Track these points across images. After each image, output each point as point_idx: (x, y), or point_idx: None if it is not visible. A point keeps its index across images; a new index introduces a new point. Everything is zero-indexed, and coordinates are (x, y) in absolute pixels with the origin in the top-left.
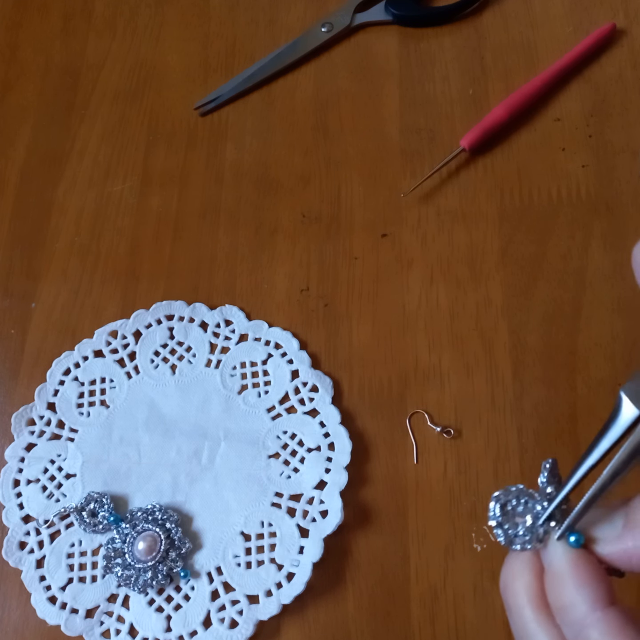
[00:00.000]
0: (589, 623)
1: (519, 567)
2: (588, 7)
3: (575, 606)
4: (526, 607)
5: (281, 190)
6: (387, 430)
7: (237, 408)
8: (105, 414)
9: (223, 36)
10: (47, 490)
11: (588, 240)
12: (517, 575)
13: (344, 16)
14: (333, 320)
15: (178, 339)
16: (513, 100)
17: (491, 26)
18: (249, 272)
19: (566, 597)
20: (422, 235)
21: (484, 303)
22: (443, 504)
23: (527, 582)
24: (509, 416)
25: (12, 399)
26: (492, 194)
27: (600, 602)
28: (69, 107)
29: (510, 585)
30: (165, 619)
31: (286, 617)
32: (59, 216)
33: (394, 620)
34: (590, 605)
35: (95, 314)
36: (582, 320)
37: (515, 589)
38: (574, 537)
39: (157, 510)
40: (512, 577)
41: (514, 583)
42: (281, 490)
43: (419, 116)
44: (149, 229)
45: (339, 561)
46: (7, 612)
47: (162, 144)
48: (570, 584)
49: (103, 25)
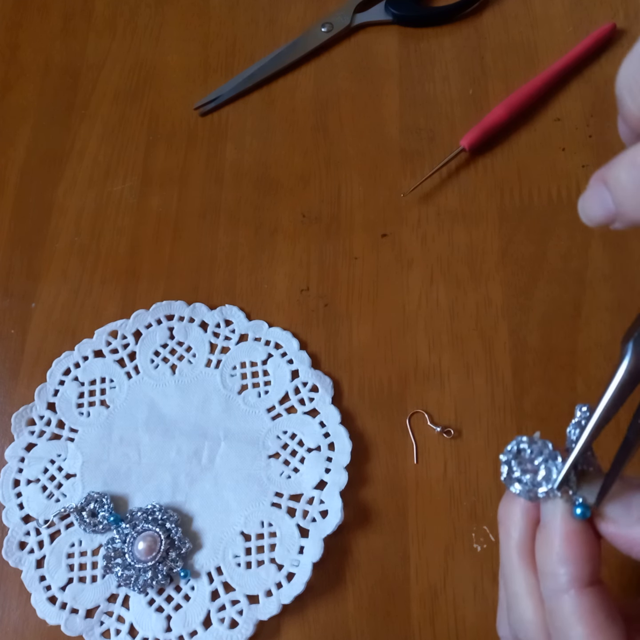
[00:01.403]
0: (564, 596)
1: (516, 510)
2: (588, 7)
3: (557, 577)
4: (513, 550)
5: (281, 190)
6: (387, 430)
7: (237, 408)
8: (105, 414)
9: (223, 36)
10: (47, 490)
11: (588, 240)
12: (512, 517)
13: (344, 16)
14: (333, 320)
15: (178, 339)
16: (513, 100)
17: (491, 26)
18: (249, 272)
19: (550, 565)
20: (422, 235)
21: (484, 303)
22: (443, 504)
23: (519, 528)
24: (509, 416)
25: (12, 399)
26: (492, 194)
27: (580, 581)
28: (69, 107)
29: (504, 523)
30: (165, 619)
31: (286, 617)
32: (59, 216)
33: (394, 620)
34: (570, 580)
35: (95, 314)
36: (582, 320)
37: (507, 528)
38: (580, 509)
39: (157, 510)
40: (508, 515)
41: (508, 522)
42: (281, 490)
43: (419, 116)
44: (149, 229)
45: (339, 561)
46: (7, 612)
47: (162, 144)
48: (558, 555)
49: (103, 25)
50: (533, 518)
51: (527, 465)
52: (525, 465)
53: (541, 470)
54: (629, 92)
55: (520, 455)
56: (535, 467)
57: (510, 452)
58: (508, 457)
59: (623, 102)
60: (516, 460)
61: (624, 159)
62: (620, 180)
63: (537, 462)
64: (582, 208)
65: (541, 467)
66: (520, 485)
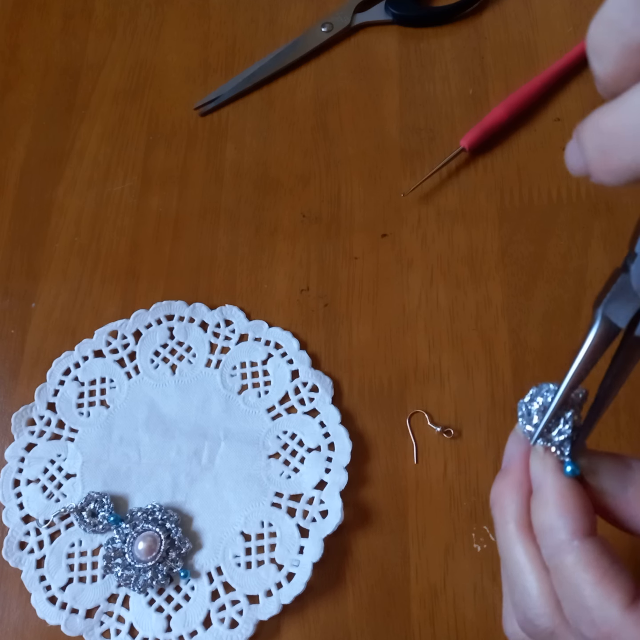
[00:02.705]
0: (566, 549)
1: (509, 486)
2: (588, 7)
3: (555, 531)
4: (510, 523)
5: (281, 190)
6: (387, 430)
7: (237, 408)
8: (105, 414)
9: (223, 36)
10: (47, 490)
11: (588, 240)
12: (505, 492)
13: (344, 16)
14: (333, 320)
15: (178, 339)
16: (513, 100)
17: (491, 26)
18: (249, 272)
19: (549, 521)
20: (422, 235)
21: (484, 303)
22: (443, 504)
23: (515, 500)
24: (509, 416)
25: (12, 399)
26: (492, 194)
27: (580, 531)
28: (69, 107)
29: (498, 501)
30: (165, 619)
31: (286, 617)
32: (59, 216)
33: (394, 620)
34: (570, 532)
35: (95, 314)
36: (582, 320)
37: (502, 504)
38: (570, 467)
39: (157, 510)
40: (501, 493)
41: (502, 499)
42: (281, 490)
43: (419, 116)
44: (149, 229)
45: (339, 561)
46: (7, 612)
47: (162, 144)
48: (555, 510)
49: (103, 25)
50: (526, 490)
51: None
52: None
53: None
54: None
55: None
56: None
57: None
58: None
59: (592, 65)
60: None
61: (590, 121)
62: (585, 143)
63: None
64: (565, 156)
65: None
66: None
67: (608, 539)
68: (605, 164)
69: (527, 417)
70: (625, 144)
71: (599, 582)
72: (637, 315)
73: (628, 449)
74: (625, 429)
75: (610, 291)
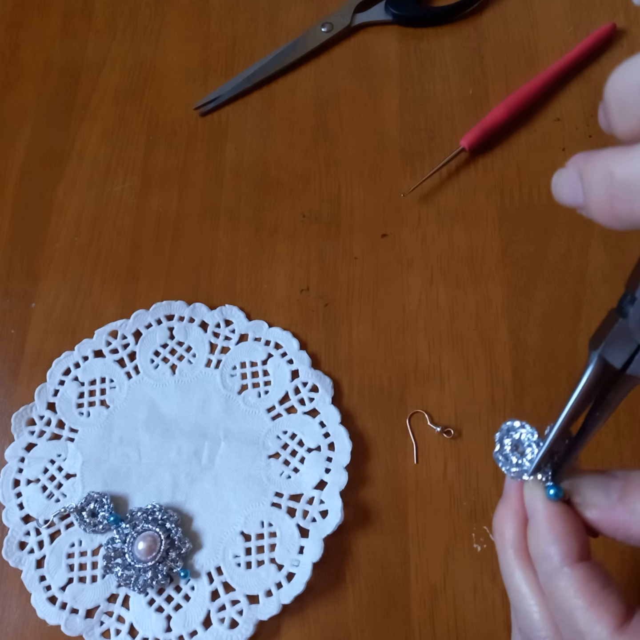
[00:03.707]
0: (558, 575)
1: (507, 513)
2: (588, 7)
3: (548, 558)
4: (509, 550)
5: (281, 190)
6: (387, 430)
7: (237, 408)
8: (105, 414)
9: (223, 36)
10: (47, 490)
11: (588, 240)
12: (504, 520)
13: (344, 16)
14: (333, 320)
15: (178, 339)
16: (513, 100)
17: (491, 26)
18: (249, 272)
19: (541, 549)
20: (422, 235)
21: (484, 303)
22: (443, 504)
23: (512, 528)
24: (509, 416)
25: (12, 399)
26: (492, 194)
27: (570, 557)
28: (69, 107)
29: (499, 529)
30: (165, 619)
31: (286, 617)
32: (59, 216)
33: (394, 620)
34: (560, 559)
35: (95, 314)
36: (582, 320)
37: (501, 531)
38: (553, 490)
39: (157, 510)
40: (501, 521)
41: (502, 527)
42: (281, 490)
43: (419, 116)
44: (149, 229)
45: (339, 561)
46: (7, 612)
47: (162, 144)
48: (545, 538)
49: (103, 25)
50: (523, 518)
51: (517, 446)
52: (515, 446)
53: (527, 454)
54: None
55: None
56: (522, 449)
57: (502, 431)
58: (500, 435)
59: (611, 113)
60: (508, 439)
61: (600, 164)
62: (592, 185)
63: (524, 445)
64: (555, 185)
65: (527, 450)
66: (509, 465)
67: (610, 552)
68: (611, 210)
69: (507, 462)
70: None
71: (588, 606)
72: (632, 355)
73: (628, 449)
74: (625, 429)
75: (608, 335)
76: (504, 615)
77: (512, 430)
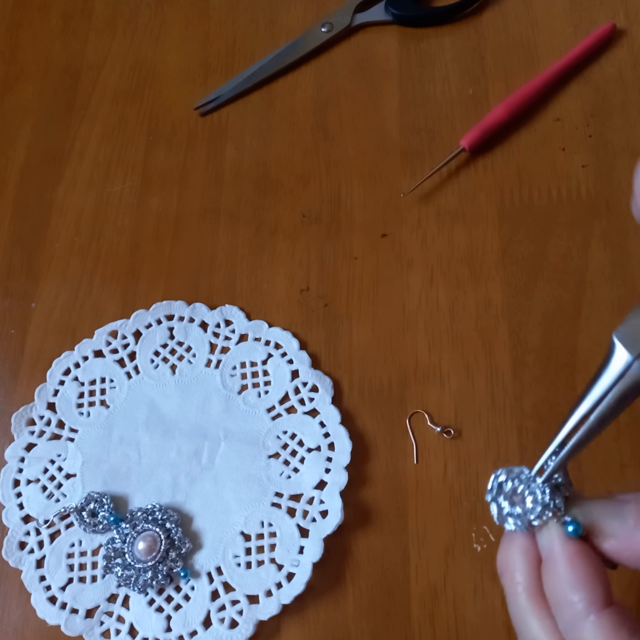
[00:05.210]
0: (583, 624)
1: (516, 554)
2: (588, 7)
3: (572, 605)
4: (522, 594)
5: (281, 190)
6: (387, 430)
7: (237, 408)
8: (105, 414)
9: (223, 36)
10: (47, 490)
11: (588, 240)
12: (514, 562)
13: (344, 16)
14: (333, 320)
15: (178, 339)
16: (513, 100)
17: (491, 26)
18: (249, 272)
19: (562, 594)
20: (422, 235)
21: (484, 303)
22: (443, 504)
23: (524, 570)
24: (509, 416)
25: (12, 399)
26: (492, 194)
27: (596, 604)
28: (69, 107)
29: (507, 571)
30: (165, 619)
31: (286, 617)
32: (59, 216)
33: (394, 620)
34: (585, 606)
35: (95, 314)
36: (582, 320)
37: (511, 573)
38: (572, 526)
39: (157, 510)
40: (509, 563)
41: (511, 569)
42: (281, 490)
43: (419, 116)
44: (149, 229)
45: (339, 561)
46: (7, 612)
47: (162, 144)
48: (568, 583)
49: (103, 25)
50: (534, 557)
51: (513, 498)
52: (512, 498)
53: (527, 497)
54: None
55: (503, 489)
56: (521, 496)
57: (492, 490)
58: (492, 495)
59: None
60: (501, 496)
61: None
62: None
63: (520, 490)
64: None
65: (526, 493)
66: (513, 518)
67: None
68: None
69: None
70: None
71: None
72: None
73: (628, 449)
74: (625, 429)
75: None
76: (504, 615)
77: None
